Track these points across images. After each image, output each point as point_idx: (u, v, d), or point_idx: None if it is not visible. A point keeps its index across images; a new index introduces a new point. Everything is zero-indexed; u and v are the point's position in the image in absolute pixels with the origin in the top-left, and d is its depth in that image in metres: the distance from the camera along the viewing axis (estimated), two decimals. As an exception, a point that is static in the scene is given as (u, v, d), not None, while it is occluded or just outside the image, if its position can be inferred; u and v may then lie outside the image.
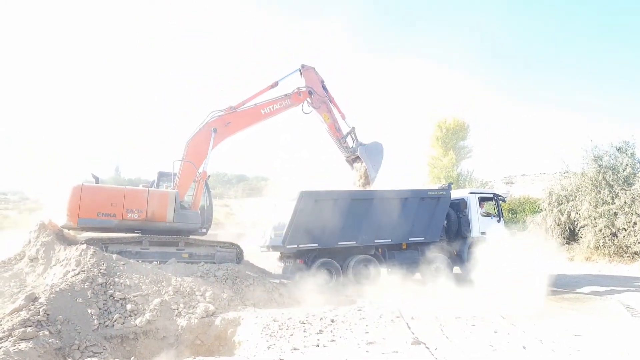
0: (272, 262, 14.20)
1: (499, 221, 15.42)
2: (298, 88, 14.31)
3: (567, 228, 21.39)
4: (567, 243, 21.45)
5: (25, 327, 6.98)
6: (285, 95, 14.06)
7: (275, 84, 14.07)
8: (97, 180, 12.16)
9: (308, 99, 14.33)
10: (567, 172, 22.19)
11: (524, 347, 6.64)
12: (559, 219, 21.48)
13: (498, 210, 15.64)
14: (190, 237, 12.14)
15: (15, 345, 6.44)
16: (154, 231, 11.56)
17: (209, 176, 13.51)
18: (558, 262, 19.03)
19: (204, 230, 12.83)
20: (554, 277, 13.29)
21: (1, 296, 9.02)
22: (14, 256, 10.99)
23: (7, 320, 7.24)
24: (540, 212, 23.18)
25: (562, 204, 21.63)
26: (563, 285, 12.54)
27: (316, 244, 12.78)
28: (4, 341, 6.60)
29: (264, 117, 13.73)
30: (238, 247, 12.52)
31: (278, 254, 14.01)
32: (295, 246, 12.59)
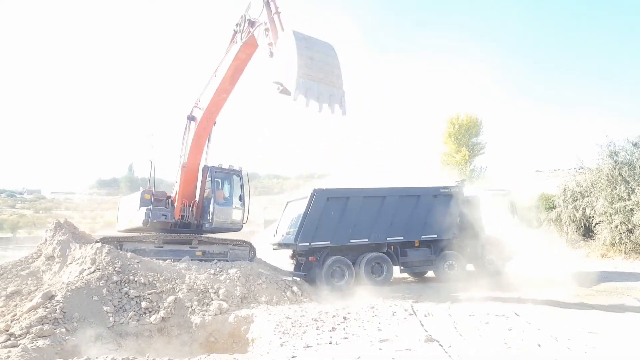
0: (284, 260, 14.24)
1: (513, 218, 15.29)
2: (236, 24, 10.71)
3: (583, 224, 21.11)
4: (583, 239, 21.17)
5: (42, 324, 7.11)
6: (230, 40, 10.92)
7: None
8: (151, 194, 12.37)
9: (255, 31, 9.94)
10: (582, 168, 21.87)
11: (539, 345, 6.56)
12: (574, 215, 21.22)
13: (512, 207, 15.49)
14: (204, 235, 12.22)
15: (32, 343, 6.55)
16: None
17: (240, 169, 13.17)
18: (573, 259, 18.82)
19: (207, 225, 12.40)
20: (569, 273, 13.12)
21: (19, 294, 9.17)
22: (30, 255, 11.18)
23: (25, 318, 7.38)
24: (554, 208, 22.91)
25: (577, 200, 21.35)
26: (578, 282, 12.36)
27: (328, 242, 12.78)
28: (22, 338, 6.72)
29: (223, 80, 11.18)
30: (250, 245, 12.59)
31: (290, 251, 14.04)
32: (307, 244, 12.61)
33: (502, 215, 15.09)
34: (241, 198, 13.13)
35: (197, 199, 12.57)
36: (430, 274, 14.76)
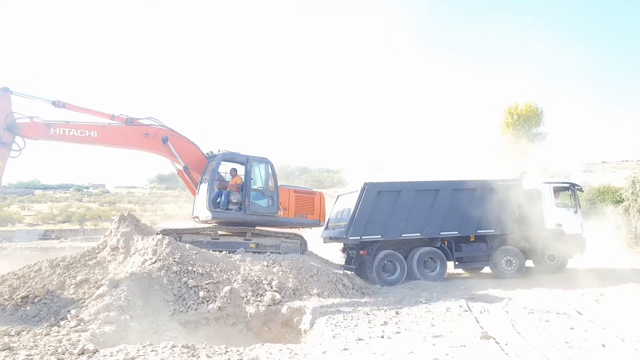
0: (335, 253, 14.30)
1: (575, 212, 14.50)
2: None
3: (654, 219, 19.75)
4: (654, 235, 19.82)
5: (108, 311, 7.55)
6: None
7: None
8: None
9: None
10: (654, 158, 20.45)
11: (604, 345, 6.22)
12: (644, 209, 19.88)
13: (575, 200, 14.70)
14: (257, 227, 12.48)
15: (100, 328, 6.98)
16: None
17: (209, 153, 12.57)
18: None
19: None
20: (637, 270, 12.33)
21: (87, 282, 9.76)
22: (97, 245, 11.87)
23: (93, 305, 7.87)
24: (622, 202, 21.57)
25: (647, 193, 20.00)
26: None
27: (379, 236, 12.69)
28: (91, 324, 7.18)
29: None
30: (302, 238, 12.72)
31: (341, 245, 14.07)
32: (358, 237, 12.59)
33: (564, 209, 14.37)
34: (201, 182, 12.23)
35: None
36: (486, 270, 14.33)
